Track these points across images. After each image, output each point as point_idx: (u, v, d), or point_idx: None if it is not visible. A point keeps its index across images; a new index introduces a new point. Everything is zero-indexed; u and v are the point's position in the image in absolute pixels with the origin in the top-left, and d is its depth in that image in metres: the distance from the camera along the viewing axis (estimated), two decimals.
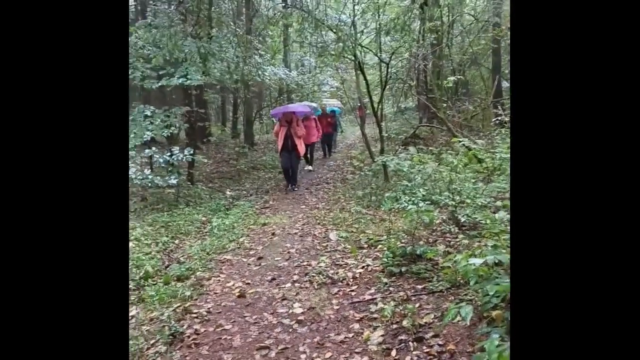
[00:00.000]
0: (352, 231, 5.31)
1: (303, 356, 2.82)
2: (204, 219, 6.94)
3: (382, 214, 5.89)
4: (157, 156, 7.20)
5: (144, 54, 8.72)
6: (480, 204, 5.11)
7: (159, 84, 7.77)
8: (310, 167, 11.19)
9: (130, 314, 3.94)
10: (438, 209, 5.73)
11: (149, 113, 7.89)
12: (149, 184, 6.84)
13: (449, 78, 8.98)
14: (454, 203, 5.11)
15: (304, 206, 7.06)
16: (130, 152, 7.32)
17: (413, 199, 5.32)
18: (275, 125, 8.91)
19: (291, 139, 8.40)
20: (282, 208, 7.09)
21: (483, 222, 4.79)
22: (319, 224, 5.86)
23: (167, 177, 7.14)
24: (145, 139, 7.67)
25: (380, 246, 4.68)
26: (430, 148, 9.71)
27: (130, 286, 4.43)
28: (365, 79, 7.93)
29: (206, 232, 6.30)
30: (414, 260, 4.02)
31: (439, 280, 3.55)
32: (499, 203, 5.25)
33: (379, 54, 8.36)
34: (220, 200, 8.18)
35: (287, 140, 8.41)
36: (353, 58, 7.46)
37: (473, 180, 6.06)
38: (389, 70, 8.29)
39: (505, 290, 2.29)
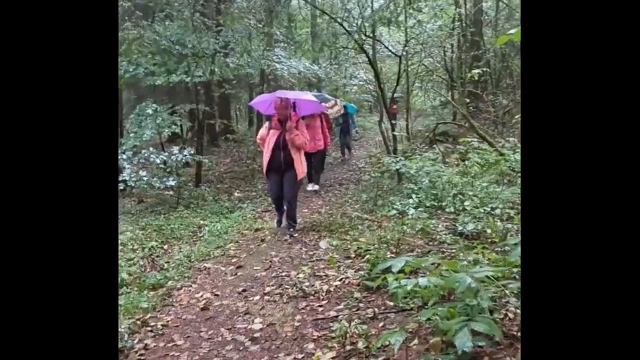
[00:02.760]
0: (346, 239, 5.21)
1: None
2: (202, 222, 7.00)
3: (382, 220, 5.75)
4: (154, 157, 7.31)
5: (154, 49, 8.90)
6: (484, 210, 4.92)
7: (157, 81, 7.89)
8: (314, 187, 8.41)
9: None
10: (445, 215, 5.57)
11: (150, 111, 8.04)
12: (144, 186, 6.96)
13: (473, 71, 8.70)
14: (453, 209, 4.93)
15: (306, 210, 7.01)
16: (128, 153, 7.49)
17: (407, 204, 5.17)
18: (262, 127, 5.95)
19: (286, 151, 5.56)
20: None
21: (487, 230, 4.62)
22: (314, 229, 5.79)
23: (164, 178, 7.26)
24: (145, 139, 7.82)
25: (368, 256, 4.55)
26: (458, 147, 9.48)
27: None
28: (376, 73, 7.79)
29: (200, 237, 6.36)
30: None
31: (414, 297, 3.41)
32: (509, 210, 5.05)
33: (388, 46, 8.18)
34: (224, 202, 8.25)
35: (277, 153, 5.55)
36: (360, 50, 7.32)
37: (485, 184, 5.84)
38: (405, 63, 8.09)
39: (444, 316, 2.16)
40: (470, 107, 10.33)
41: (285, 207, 5.79)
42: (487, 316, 2.04)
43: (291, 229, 5.72)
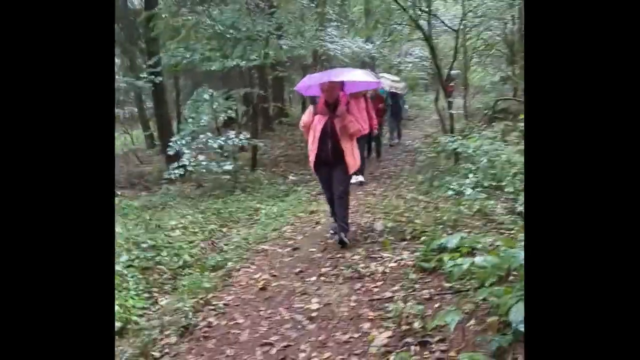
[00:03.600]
0: (401, 220, 5.24)
1: (302, 355, 2.90)
2: (258, 205, 7.22)
3: (438, 201, 5.73)
4: (211, 142, 7.57)
5: (209, 34, 9.10)
6: None
7: (213, 66, 8.13)
8: (360, 178, 7.50)
9: (161, 303, 4.28)
10: (504, 195, 5.48)
11: (207, 97, 8.31)
12: (203, 170, 7.24)
13: None
14: (512, 189, 4.85)
15: (360, 192, 7.07)
16: (187, 138, 7.79)
17: (465, 184, 5.13)
18: (306, 112, 5.10)
19: (335, 140, 4.73)
20: None
21: None
22: (368, 212, 5.85)
23: (222, 162, 7.52)
24: (203, 124, 8.11)
25: (423, 237, 4.58)
26: (518, 124, 9.21)
27: (167, 275, 4.79)
28: (432, 49, 7.67)
29: (257, 220, 6.58)
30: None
31: (471, 278, 3.42)
32: None
33: (445, 21, 8.01)
34: (280, 185, 8.45)
35: (326, 142, 4.73)
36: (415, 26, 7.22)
37: None
38: (462, 38, 7.91)
39: (498, 295, 2.19)
40: None
41: (340, 210, 4.87)
42: None
43: (345, 234, 4.74)
